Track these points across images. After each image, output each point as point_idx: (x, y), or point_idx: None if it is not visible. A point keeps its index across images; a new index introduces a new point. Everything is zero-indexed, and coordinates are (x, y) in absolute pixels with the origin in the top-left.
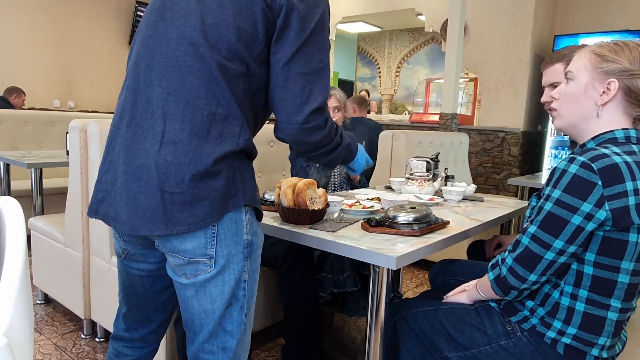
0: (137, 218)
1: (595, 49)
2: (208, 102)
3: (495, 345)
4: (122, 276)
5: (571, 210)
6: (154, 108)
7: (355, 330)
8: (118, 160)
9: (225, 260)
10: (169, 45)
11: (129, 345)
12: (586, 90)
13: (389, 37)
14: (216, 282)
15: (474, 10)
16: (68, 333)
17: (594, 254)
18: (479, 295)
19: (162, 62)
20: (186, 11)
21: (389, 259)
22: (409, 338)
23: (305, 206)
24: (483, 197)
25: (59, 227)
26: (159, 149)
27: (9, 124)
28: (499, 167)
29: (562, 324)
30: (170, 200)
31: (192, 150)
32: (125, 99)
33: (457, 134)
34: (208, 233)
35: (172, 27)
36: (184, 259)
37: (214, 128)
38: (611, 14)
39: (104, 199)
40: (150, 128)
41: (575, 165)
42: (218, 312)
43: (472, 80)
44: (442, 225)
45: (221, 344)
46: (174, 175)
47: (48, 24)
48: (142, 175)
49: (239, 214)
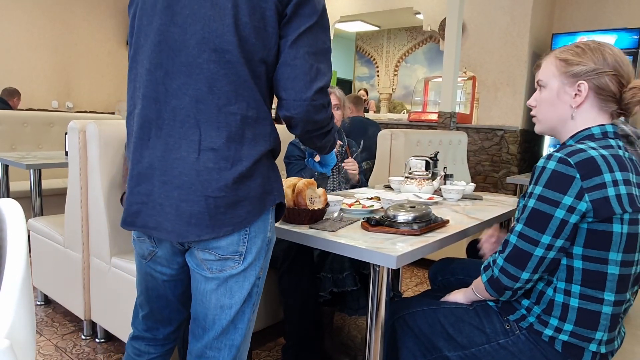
0: (182, 225)
1: (558, 54)
2: (239, 106)
3: (494, 344)
4: (145, 279)
5: (553, 204)
6: (183, 117)
7: (355, 329)
8: (152, 172)
9: (253, 258)
10: (188, 52)
11: (151, 344)
12: (559, 96)
13: (387, 36)
14: (238, 278)
15: (472, 9)
16: (68, 334)
17: (581, 247)
18: (476, 296)
19: (185, 70)
20: (202, 16)
21: (390, 258)
22: (409, 337)
23: (305, 206)
24: (482, 196)
25: (59, 228)
26: (198, 157)
27: (7, 125)
28: (498, 165)
29: (559, 321)
30: (214, 204)
31: (232, 155)
32: (145, 109)
33: (456, 132)
34: (242, 231)
35: (187, 33)
36: (216, 255)
37: (248, 131)
38: (608, 12)
39: (141, 210)
40: (184, 137)
41: (553, 162)
42: (235, 307)
43: (470, 78)
44: (441, 224)
45: (229, 341)
46: (217, 180)
47: (46, 24)
48: (182, 184)
49: (268, 212)
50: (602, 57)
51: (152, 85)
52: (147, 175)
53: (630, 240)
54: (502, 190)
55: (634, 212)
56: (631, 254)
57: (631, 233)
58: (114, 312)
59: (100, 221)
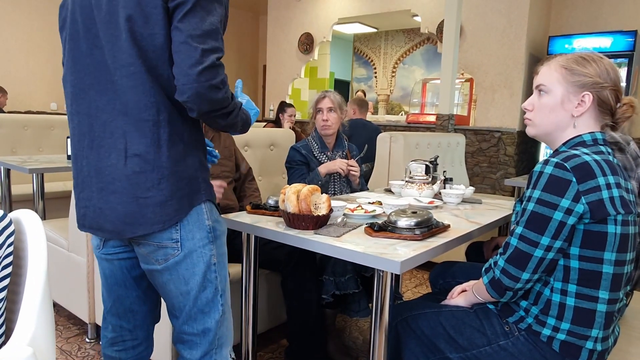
0: (119, 224)
1: (563, 62)
2: (150, 112)
3: (494, 345)
4: (102, 267)
5: (552, 207)
6: (112, 128)
7: (357, 331)
8: (90, 180)
9: (194, 245)
10: (108, 70)
11: (120, 347)
12: (562, 103)
13: (385, 37)
14: (187, 265)
15: (469, 11)
16: (72, 337)
17: (577, 247)
18: (476, 298)
19: (110, 87)
20: (109, 36)
21: (394, 264)
22: (411, 339)
23: (309, 212)
24: (481, 199)
25: (62, 232)
26: (125, 163)
27: (8, 129)
28: (495, 166)
29: (556, 320)
30: (144, 204)
31: (152, 159)
32: (80, 123)
33: (454, 134)
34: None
35: (105, 54)
36: (154, 244)
37: (163, 134)
38: (605, 15)
39: (85, 214)
40: (113, 146)
41: (550, 166)
42: (193, 292)
43: (467, 80)
44: (443, 229)
45: (200, 326)
46: (143, 182)
47: (44, 27)
48: (116, 189)
49: (201, 207)
50: (605, 71)
51: (84, 102)
52: (87, 183)
53: (623, 241)
54: (500, 191)
55: (626, 213)
56: (624, 254)
57: (623, 233)
58: None
59: None
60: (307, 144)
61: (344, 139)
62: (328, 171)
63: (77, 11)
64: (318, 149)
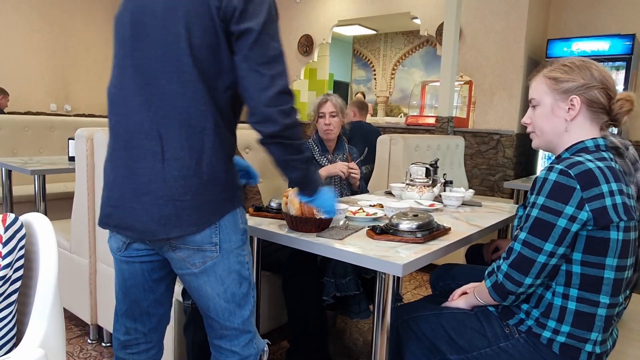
0: (153, 225)
1: (547, 73)
2: (198, 120)
3: (494, 347)
4: (121, 269)
5: (556, 214)
6: (146, 130)
7: (357, 333)
8: (122, 180)
9: (230, 246)
10: (152, 74)
11: (133, 350)
12: (553, 111)
13: (384, 39)
14: (223, 266)
15: (469, 14)
16: (74, 338)
17: (580, 253)
18: (477, 301)
19: (152, 90)
20: (162, 42)
21: (396, 267)
22: (412, 341)
23: (312, 215)
24: (481, 202)
25: (65, 233)
26: (163, 166)
27: (8, 130)
28: (494, 168)
29: (556, 323)
30: (181, 207)
31: (193, 164)
32: (117, 124)
33: (453, 137)
34: (212, 227)
35: (151, 58)
36: (193, 248)
37: (208, 141)
38: (603, 18)
39: (112, 213)
40: (149, 148)
41: (554, 173)
42: (229, 291)
43: (466, 83)
44: (443, 231)
45: (239, 319)
46: (182, 186)
47: (44, 27)
48: (151, 190)
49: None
50: (589, 73)
51: (121, 103)
52: (118, 183)
53: (625, 246)
54: (499, 193)
55: (628, 220)
56: (625, 259)
57: (625, 239)
58: None
59: None
60: (308, 146)
61: (344, 141)
62: (329, 174)
63: (127, 15)
64: (319, 152)
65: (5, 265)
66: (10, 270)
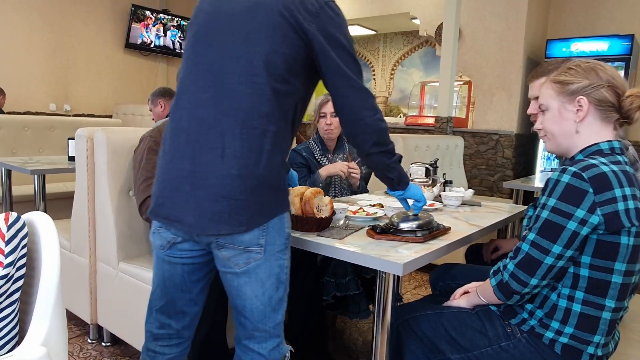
0: (205, 221)
1: (553, 78)
2: (261, 121)
3: (496, 347)
4: (162, 268)
5: (566, 216)
6: (209, 126)
7: (357, 332)
8: (180, 173)
9: (274, 249)
10: (222, 72)
11: (165, 344)
12: (561, 114)
13: (384, 40)
14: (265, 268)
15: (468, 14)
16: (74, 338)
17: (589, 256)
18: (480, 300)
19: (218, 87)
20: (234, 42)
21: (396, 266)
22: (412, 340)
23: (312, 214)
24: (480, 202)
25: (64, 233)
26: (222, 163)
27: (8, 129)
28: (493, 169)
29: (560, 324)
30: (235, 205)
31: (252, 164)
32: (180, 118)
33: (453, 137)
34: (260, 227)
35: (223, 57)
36: (240, 249)
37: (267, 143)
38: (602, 19)
39: (164, 204)
40: (209, 144)
41: (567, 175)
42: (267, 294)
43: (466, 83)
44: (443, 231)
45: (272, 322)
46: (238, 185)
47: (44, 27)
48: (207, 185)
49: (284, 215)
50: (595, 74)
51: (186, 98)
52: (175, 175)
53: (635, 252)
54: (498, 193)
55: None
56: (634, 264)
57: (636, 245)
58: (121, 316)
59: (107, 227)
60: (308, 146)
61: (344, 141)
62: (329, 174)
63: (202, 15)
64: (319, 152)
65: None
66: (13, 268)
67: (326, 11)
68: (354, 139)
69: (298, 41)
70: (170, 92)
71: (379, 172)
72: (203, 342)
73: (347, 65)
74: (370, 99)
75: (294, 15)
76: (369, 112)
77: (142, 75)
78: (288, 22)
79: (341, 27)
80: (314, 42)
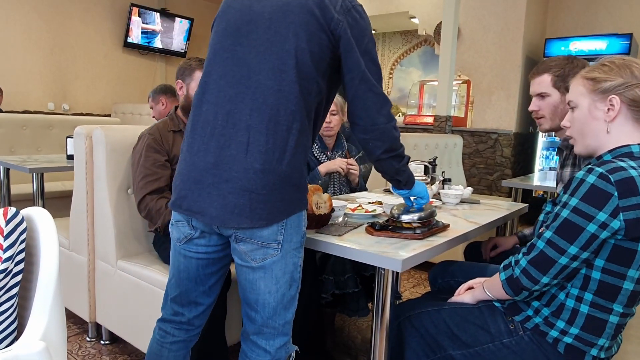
0: (226, 213)
1: (585, 74)
2: (287, 118)
3: (497, 343)
4: (178, 261)
5: (587, 218)
6: (235, 120)
7: (356, 330)
8: (205, 165)
9: (290, 247)
10: (250, 68)
11: (177, 327)
12: (591, 113)
13: (382, 39)
14: (280, 265)
15: (467, 13)
16: (73, 336)
17: (603, 260)
18: (486, 295)
19: (246, 83)
20: (265, 40)
21: (395, 262)
22: (413, 338)
23: (311, 211)
24: (479, 200)
25: (63, 231)
26: (246, 157)
27: (6, 128)
28: (492, 168)
29: (565, 324)
30: (256, 199)
31: (275, 160)
32: (206, 112)
33: (452, 136)
34: (279, 224)
35: (251, 53)
36: (258, 244)
37: (292, 140)
38: (600, 18)
39: (187, 196)
40: (234, 138)
41: (593, 176)
42: (280, 291)
43: (465, 82)
44: (442, 228)
45: (282, 320)
46: (261, 179)
47: (42, 26)
48: (231, 178)
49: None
50: (629, 71)
51: (214, 92)
52: (199, 168)
53: None
54: (496, 192)
55: None
56: None
57: None
58: (119, 314)
59: (106, 225)
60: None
61: (343, 139)
62: (328, 170)
63: (231, 12)
64: (318, 149)
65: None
66: (12, 263)
67: (353, 14)
68: (366, 144)
69: (326, 41)
70: (172, 90)
71: (388, 176)
72: (202, 337)
73: (369, 69)
74: (387, 106)
75: (323, 14)
76: (384, 119)
77: (141, 74)
78: (318, 21)
79: (366, 30)
80: (341, 42)
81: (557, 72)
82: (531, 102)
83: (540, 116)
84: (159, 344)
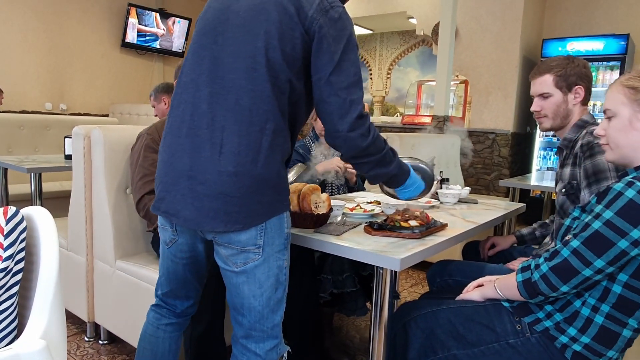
0: (201, 216)
1: (625, 82)
2: (260, 119)
3: (503, 343)
4: (166, 262)
5: (620, 233)
6: (210, 120)
7: (354, 330)
8: (181, 166)
9: (272, 250)
10: (224, 67)
11: (170, 313)
12: (631, 123)
13: (380, 39)
14: (263, 269)
15: (465, 14)
16: (71, 336)
17: (627, 275)
18: (496, 293)
19: (220, 82)
20: (237, 39)
21: (394, 261)
22: (417, 338)
23: (310, 211)
24: (477, 200)
25: (61, 231)
26: (219, 159)
27: (3, 128)
28: (489, 167)
29: (577, 332)
30: (231, 203)
31: (249, 162)
32: (183, 111)
33: (449, 136)
34: (258, 227)
35: (224, 52)
36: (237, 248)
37: (265, 141)
38: (597, 18)
39: (164, 198)
40: (208, 139)
41: (633, 191)
42: (265, 294)
43: (462, 82)
44: (440, 227)
45: (270, 323)
46: (235, 182)
47: (39, 26)
48: (205, 180)
49: (283, 215)
50: None
51: (190, 91)
52: (176, 169)
53: None
54: (494, 192)
55: None
56: None
57: None
58: (118, 314)
59: (105, 225)
60: (305, 143)
61: None
62: (325, 170)
63: (210, 12)
64: (315, 149)
65: (7, 257)
66: (12, 262)
67: (331, 13)
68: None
69: (299, 39)
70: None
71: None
72: (200, 338)
73: (340, 72)
74: (352, 113)
75: (298, 13)
76: (346, 126)
77: (139, 74)
78: (292, 19)
79: (343, 32)
80: (313, 42)
81: (559, 72)
82: (533, 102)
83: (543, 116)
84: (154, 326)
